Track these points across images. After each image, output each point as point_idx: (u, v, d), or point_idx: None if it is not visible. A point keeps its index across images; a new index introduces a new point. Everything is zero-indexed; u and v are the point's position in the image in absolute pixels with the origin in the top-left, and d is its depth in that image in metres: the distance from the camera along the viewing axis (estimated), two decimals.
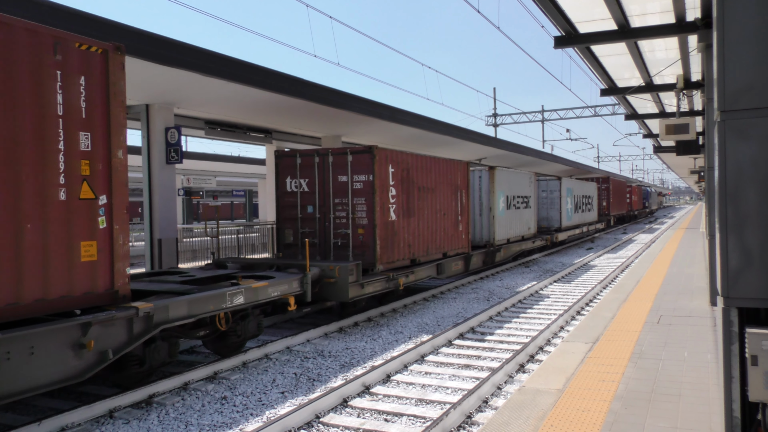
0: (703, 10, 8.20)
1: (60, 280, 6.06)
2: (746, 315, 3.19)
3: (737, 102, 3.06)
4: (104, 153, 6.52)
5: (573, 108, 41.33)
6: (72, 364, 6.02)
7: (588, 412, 4.93)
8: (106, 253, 6.55)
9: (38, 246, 5.89)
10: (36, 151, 5.89)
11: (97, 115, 6.46)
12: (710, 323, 8.25)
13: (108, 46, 6.57)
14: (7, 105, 5.63)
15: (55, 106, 6.04)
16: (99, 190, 6.48)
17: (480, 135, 22.77)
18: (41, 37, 5.93)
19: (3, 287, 5.57)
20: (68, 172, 6.18)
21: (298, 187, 12.51)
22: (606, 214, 40.26)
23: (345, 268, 10.59)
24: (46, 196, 5.97)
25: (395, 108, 16.39)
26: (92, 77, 6.40)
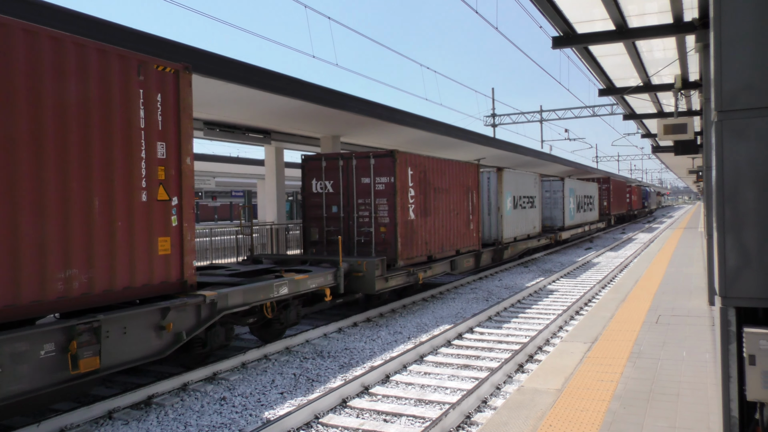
0: (700, 10, 8.22)
1: (143, 270, 6.98)
2: (744, 314, 3.19)
3: (734, 102, 3.07)
4: (176, 160, 7.44)
5: (571, 108, 41.36)
6: (154, 343, 6.96)
7: (587, 412, 4.93)
8: (177, 248, 7.44)
9: (126, 241, 6.78)
10: (125, 159, 6.78)
11: (170, 127, 7.38)
12: (709, 323, 8.26)
13: (179, 66, 7.47)
14: (104, 120, 6.55)
15: (138, 120, 6.95)
16: (172, 192, 7.39)
17: (479, 135, 22.78)
18: (129, 61, 6.83)
19: (100, 276, 6.46)
20: (148, 177, 7.08)
21: (324, 188, 13.29)
22: (607, 214, 40.96)
23: (372, 263, 11.46)
24: (132, 198, 6.86)
25: (394, 108, 16.39)
26: (166, 94, 7.32)
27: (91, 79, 6.40)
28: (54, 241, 6.01)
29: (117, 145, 6.67)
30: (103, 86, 6.52)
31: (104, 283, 6.50)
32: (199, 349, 8.15)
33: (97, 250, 6.42)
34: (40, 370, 5.68)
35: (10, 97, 5.62)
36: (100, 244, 6.46)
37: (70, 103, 6.19)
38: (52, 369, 5.79)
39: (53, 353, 5.79)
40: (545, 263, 22.17)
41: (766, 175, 3.01)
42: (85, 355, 6.03)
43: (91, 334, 6.12)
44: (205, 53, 10.24)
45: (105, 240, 6.51)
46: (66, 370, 5.91)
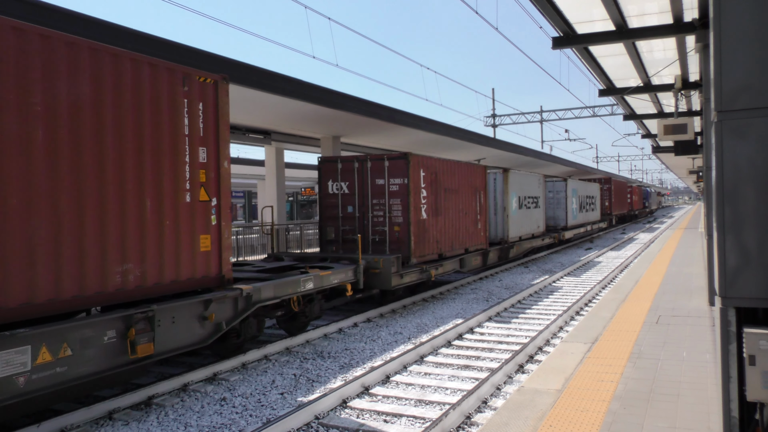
0: (700, 10, 8.22)
1: (187, 265, 7.53)
2: (744, 315, 3.19)
3: (734, 102, 3.07)
4: (215, 163, 7.97)
5: (571, 108, 41.36)
6: (198, 332, 7.58)
7: (587, 412, 4.93)
8: (216, 245, 7.99)
9: (173, 238, 7.32)
10: (172, 164, 7.32)
11: (210, 133, 7.90)
12: (709, 323, 8.26)
13: (217, 77, 8.01)
14: (154, 128, 7.08)
15: (183, 127, 7.50)
16: (211, 193, 7.95)
17: (479, 135, 22.78)
18: (175, 73, 7.37)
19: (151, 270, 7.01)
20: (191, 180, 7.63)
21: (339, 189, 13.82)
22: (608, 214, 41.43)
23: (388, 260, 12.12)
24: (177, 199, 7.41)
25: (393, 108, 16.39)
26: (207, 103, 7.86)
27: (144, 92, 6.97)
28: (113, 239, 6.58)
29: (165, 150, 7.25)
30: (154, 97, 7.09)
31: (154, 276, 7.08)
32: (233, 340, 8.74)
33: (148, 247, 7.00)
34: (103, 354, 6.31)
35: (78, 112, 6.26)
36: (151, 241, 7.03)
37: (126, 114, 6.74)
38: (113, 353, 6.42)
39: (114, 339, 6.45)
40: (546, 263, 22.17)
41: (766, 175, 3.01)
42: (141, 341, 6.66)
43: (146, 322, 6.77)
44: (200, 53, 10.25)
45: (155, 237, 7.10)
46: (125, 355, 6.55)
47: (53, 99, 5.99)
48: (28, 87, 5.75)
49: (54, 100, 6.00)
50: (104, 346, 6.29)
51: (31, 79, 5.79)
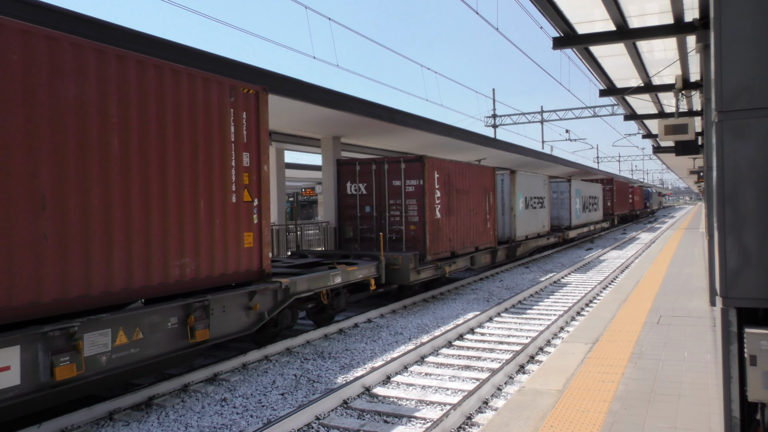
0: (701, 10, 8.22)
1: (233, 260, 8.24)
2: (745, 315, 3.19)
3: (735, 102, 3.07)
4: (256, 167, 8.71)
5: (572, 108, 41.34)
6: (244, 320, 8.33)
7: (588, 413, 4.93)
8: (258, 242, 8.70)
9: (222, 235, 8.06)
10: (221, 168, 8.06)
11: (252, 139, 8.63)
12: (710, 323, 8.25)
13: (259, 88, 8.74)
14: (206, 136, 7.81)
15: (230, 134, 8.22)
16: (254, 194, 8.66)
17: (479, 136, 22.79)
18: (223, 86, 8.10)
19: (203, 264, 7.73)
20: (237, 182, 8.34)
21: (357, 190, 14.60)
22: (610, 214, 42.07)
23: (407, 257, 12.89)
24: (225, 200, 8.13)
25: (394, 109, 16.40)
26: (250, 112, 8.59)
27: (198, 103, 7.69)
28: (173, 236, 7.30)
29: (215, 155, 7.98)
30: (206, 108, 7.83)
31: (207, 269, 7.83)
32: (272, 329, 9.50)
33: (202, 243, 7.74)
34: (168, 338, 7.09)
35: (146, 124, 6.98)
36: (204, 237, 7.78)
37: (183, 124, 7.49)
38: (175, 338, 7.21)
39: (176, 325, 7.22)
40: (546, 264, 22.16)
41: (767, 176, 3.01)
42: (199, 327, 7.47)
43: (203, 311, 7.57)
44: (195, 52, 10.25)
45: (207, 234, 7.84)
46: (185, 339, 7.35)
47: (125, 112, 6.72)
48: (106, 103, 6.52)
49: (126, 113, 6.72)
50: (168, 331, 7.11)
51: (107, 95, 6.54)
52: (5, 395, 5.35)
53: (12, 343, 5.40)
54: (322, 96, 12.98)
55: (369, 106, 14.83)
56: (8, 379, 5.36)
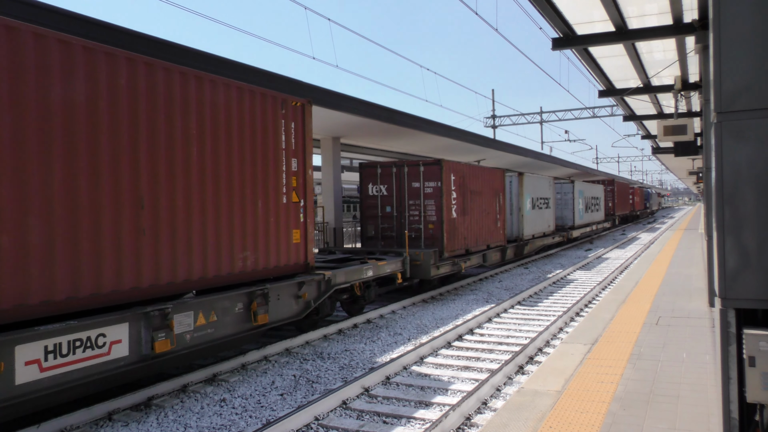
0: (700, 11, 8.22)
1: (284, 253, 9.29)
2: (744, 316, 3.19)
3: (734, 103, 3.07)
4: (302, 171, 9.72)
5: (571, 109, 41.36)
6: (294, 308, 9.44)
7: (587, 414, 4.93)
8: (304, 238, 9.72)
9: (276, 232, 9.10)
10: (275, 172, 9.10)
11: (299, 146, 9.66)
12: (709, 324, 8.25)
13: (305, 101, 9.75)
14: (263, 144, 8.86)
15: (281, 142, 9.25)
16: (300, 196, 9.65)
17: (478, 136, 22.81)
18: (277, 100, 9.15)
19: (261, 257, 8.77)
20: (287, 185, 9.34)
21: (379, 191, 15.50)
22: (612, 214, 42.92)
23: (428, 253, 13.92)
24: (278, 200, 9.15)
25: (393, 109, 16.40)
26: (297, 122, 9.61)
27: (257, 116, 8.72)
28: (237, 232, 8.30)
29: (270, 161, 8.98)
30: (263, 119, 8.86)
31: (263, 262, 8.81)
32: (314, 317, 10.51)
33: (260, 238, 8.71)
34: (235, 321, 8.15)
35: (217, 133, 8.01)
36: (261, 233, 8.75)
37: (246, 133, 8.48)
38: (241, 321, 8.27)
39: (242, 310, 8.27)
40: (545, 264, 22.17)
41: (766, 177, 3.01)
42: (260, 312, 8.49)
43: (263, 298, 8.61)
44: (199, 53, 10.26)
45: (264, 231, 8.82)
46: (249, 323, 8.41)
47: (202, 124, 7.74)
48: (188, 117, 7.54)
49: (202, 125, 7.75)
50: (236, 315, 8.15)
51: (189, 111, 7.55)
52: (118, 363, 6.47)
53: (123, 321, 6.51)
54: (321, 96, 13.21)
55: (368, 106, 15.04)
56: (120, 350, 6.50)
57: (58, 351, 5.82)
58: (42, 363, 5.70)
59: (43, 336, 5.69)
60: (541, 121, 43.05)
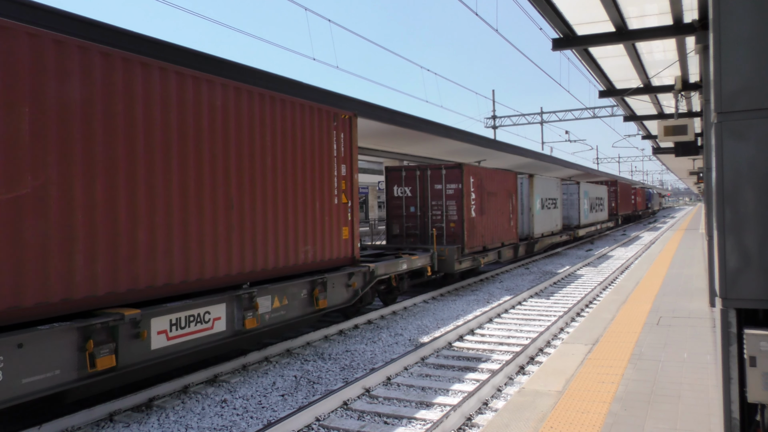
0: (700, 11, 8.22)
1: (336, 248, 10.50)
2: (745, 316, 3.19)
3: (734, 103, 3.07)
4: (350, 176, 10.91)
5: (572, 110, 41.35)
6: (345, 295, 10.73)
7: (588, 414, 4.93)
8: (351, 234, 10.93)
9: (329, 229, 10.29)
10: (328, 177, 10.29)
11: (347, 153, 10.85)
12: (709, 324, 8.25)
13: (351, 113, 11.00)
14: (319, 153, 10.04)
15: (333, 150, 10.44)
16: (348, 197, 10.86)
17: (479, 137, 22.85)
18: (330, 114, 10.34)
19: (318, 251, 10.01)
20: (337, 188, 10.53)
21: (403, 193, 16.60)
22: (615, 214, 44.14)
23: (452, 249, 15.22)
24: (331, 202, 10.34)
25: (395, 111, 16.42)
26: (345, 132, 10.82)
27: (315, 128, 9.93)
28: (301, 228, 9.59)
29: (325, 167, 10.19)
30: (320, 131, 10.05)
31: (320, 255, 10.05)
32: (358, 304, 11.75)
33: (317, 234, 9.96)
34: (300, 305, 9.47)
35: (285, 144, 9.22)
36: (318, 230, 9.98)
37: (307, 143, 9.72)
38: (305, 305, 9.57)
39: (306, 296, 9.59)
40: (546, 265, 22.17)
41: (766, 177, 3.01)
42: (321, 297, 9.82)
43: (322, 285, 9.89)
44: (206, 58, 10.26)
45: (320, 228, 10.06)
46: (312, 306, 9.70)
47: (274, 136, 9.02)
48: (264, 131, 8.76)
49: (274, 137, 9.02)
50: (301, 300, 9.48)
51: (265, 125, 8.77)
52: (218, 336, 7.82)
53: (222, 301, 7.86)
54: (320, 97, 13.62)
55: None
56: (220, 325, 7.85)
57: (178, 324, 7.19)
58: (168, 333, 7.07)
59: (170, 311, 7.06)
60: (541, 121, 43.03)
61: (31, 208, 5.73)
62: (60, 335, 5.82)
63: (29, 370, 5.52)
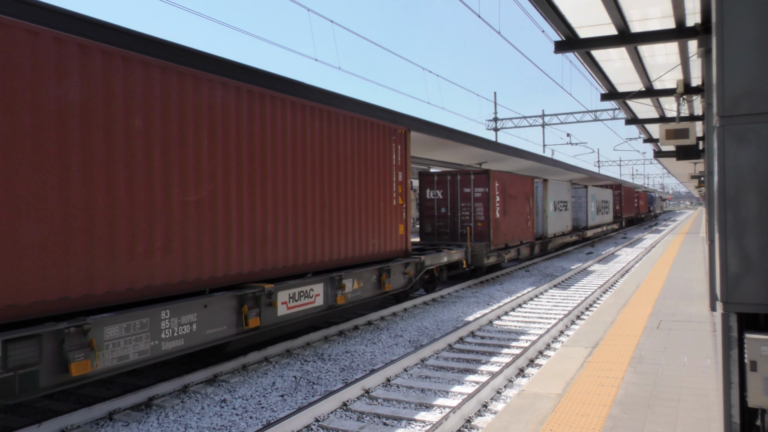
0: (702, 15, 8.22)
1: (394, 242, 12.43)
2: (745, 320, 3.19)
3: (737, 107, 3.07)
4: (404, 181, 12.78)
5: (573, 112, 41.32)
6: (402, 281, 12.64)
7: (587, 417, 4.93)
8: (405, 231, 12.82)
9: (389, 225, 12.20)
10: (389, 182, 12.19)
11: (402, 162, 12.70)
12: (710, 328, 8.24)
13: (406, 128, 12.91)
14: (383, 162, 11.97)
15: (392, 160, 12.30)
16: (403, 200, 12.66)
17: (480, 139, 22.86)
18: (390, 129, 12.28)
19: (381, 243, 11.89)
20: (395, 191, 12.41)
21: (435, 195, 18.52)
22: (619, 217, 45.82)
23: (481, 245, 17.24)
24: (390, 203, 12.23)
25: (396, 112, 16.42)
26: (401, 144, 12.72)
27: (380, 142, 11.85)
28: (370, 224, 11.46)
29: (387, 174, 12.10)
30: (383, 144, 11.97)
31: (383, 247, 12.00)
32: (408, 291, 13.45)
33: (380, 229, 11.86)
34: (371, 288, 11.41)
35: (360, 158, 11.20)
36: (382, 226, 11.91)
37: (374, 155, 11.59)
38: (374, 288, 11.55)
39: (375, 280, 11.57)
40: (547, 268, 22.15)
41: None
42: (386, 282, 11.80)
43: (387, 272, 11.83)
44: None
45: (383, 224, 11.97)
46: (380, 289, 11.75)
47: (352, 152, 10.87)
48: (339, 146, 10.49)
49: (352, 152, 10.87)
50: (372, 283, 11.44)
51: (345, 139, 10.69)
52: (318, 309, 9.82)
53: (320, 281, 9.85)
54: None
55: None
56: (319, 300, 9.82)
57: (294, 297, 9.18)
58: (288, 303, 9.06)
59: (290, 287, 9.09)
60: (543, 124, 43.02)
61: (208, 207, 7.75)
62: (227, 301, 7.90)
63: (209, 324, 7.60)
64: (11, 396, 5.39)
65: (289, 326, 9.44)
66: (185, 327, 7.20)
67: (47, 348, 5.68)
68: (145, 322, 6.63)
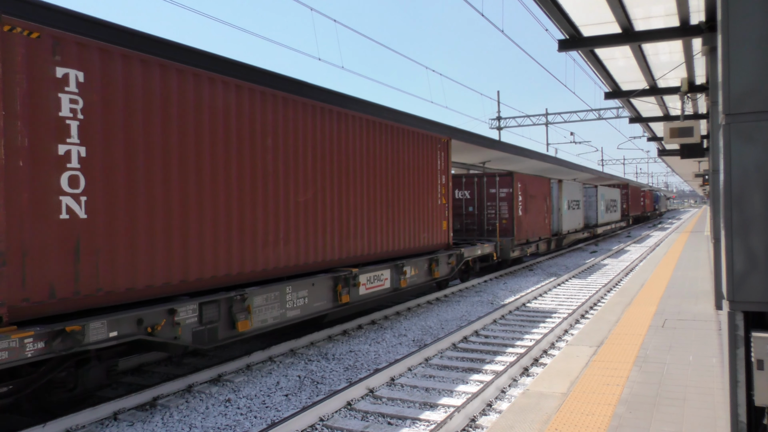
0: (707, 13, 8.19)
1: (438, 236, 14.17)
2: (752, 319, 3.17)
3: (742, 105, 3.06)
4: (447, 183, 14.58)
5: (577, 111, 41.23)
6: (446, 270, 14.55)
7: (592, 416, 4.91)
8: (447, 226, 14.59)
9: (435, 221, 14.01)
10: (434, 184, 14.00)
11: (444, 166, 14.48)
12: (715, 327, 8.22)
13: (447, 137, 14.64)
14: (430, 169, 13.80)
15: (437, 165, 14.13)
16: (446, 199, 14.51)
17: (485, 138, 22.85)
18: (435, 139, 14.07)
19: (429, 237, 13.70)
20: (439, 192, 14.20)
21: (463, 195, 20.37)
22: (626, 215, 47.69)
23: (508, 240, 19.48)
24: (435, 202, 14.04)
25: (399, 111, 16.42)
26: (444, 152, 14.51)
27: (428, 150, 13.75)
28: (421, 220, 13.34)
29: (433, 177, 13.92)
30: (430, 152, 13.80)
31: (430, 240, 13.74)
32: (450, 279, 15.33)
33: (428, 225, 13.65)
34: (423, 274, 13.37)
35: (414, 165, 13.04)
36: (429, 222, 13.71)
37: (423, 161, 13.45)
38: (426, 275, 13.51)
39: (427, 268, 13.47)
40: (551, 267, 22.12)
41: None
42: (435, 270, 13.72)
43: (435, 261, 13.80)
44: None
45: (431, 220, 13.81)
46: (431, 276, 13.70)
47: (408, 161, 12.86)
48: (399, 159, 12.48)
49: (408, 161, 12.82)
50: (424, 271, 13.35)
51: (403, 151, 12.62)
52: (386, 291, 11.78)
53: (388, 268, 11.81)
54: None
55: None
56: (388, 284, 11.81)
57: (370, 280, 11.16)
58: (366, 285, 11.07)
59: (367, 271, 11.10)
60: (546, 122, 42.93)
61: (312, 207, 9.69)
62: (327, 281, 10.03)
63: (315, 298, 9.68)
64: (203, 343, 7.47)
65: (366, 303, 11.35)
66: (301, 300, 9.30)
67: (223, 310, 7.81)
68: (278, 295, 8.76)
